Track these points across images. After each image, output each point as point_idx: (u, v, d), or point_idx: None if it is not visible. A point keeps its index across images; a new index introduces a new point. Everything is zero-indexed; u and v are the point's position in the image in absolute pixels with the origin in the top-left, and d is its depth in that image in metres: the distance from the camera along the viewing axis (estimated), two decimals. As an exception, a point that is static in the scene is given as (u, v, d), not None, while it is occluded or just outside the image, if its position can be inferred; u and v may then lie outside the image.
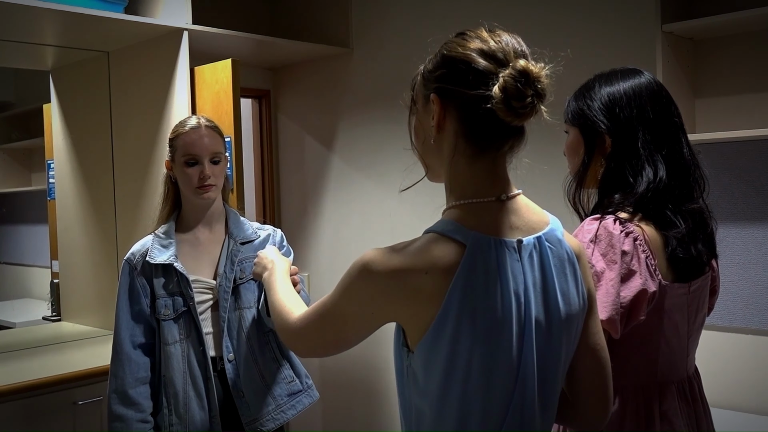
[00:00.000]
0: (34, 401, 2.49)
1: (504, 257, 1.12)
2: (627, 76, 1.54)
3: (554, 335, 1.15)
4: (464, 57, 1.14)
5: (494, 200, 1.18)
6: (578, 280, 1.20)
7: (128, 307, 1.96)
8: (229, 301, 1.99)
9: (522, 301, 1.12)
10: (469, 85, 1.12)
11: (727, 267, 2.45)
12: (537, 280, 1.14)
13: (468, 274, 1.09)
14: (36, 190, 3.74)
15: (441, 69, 1.17)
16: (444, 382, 1.10)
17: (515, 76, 1.11)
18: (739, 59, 2.44)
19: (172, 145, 2.01)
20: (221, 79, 2.98)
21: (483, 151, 1.18)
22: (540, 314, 1.14)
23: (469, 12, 3.11)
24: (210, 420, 1.95)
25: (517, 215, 1.19)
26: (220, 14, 3.49)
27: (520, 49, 1.19)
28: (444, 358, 1.09)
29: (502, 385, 1.11)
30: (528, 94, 1.12)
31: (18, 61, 3.45)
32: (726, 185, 2.45)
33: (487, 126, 1.14)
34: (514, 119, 1.13)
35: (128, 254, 2.00)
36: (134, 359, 1.94)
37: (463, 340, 1.08)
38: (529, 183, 1.40)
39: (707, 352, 2.52)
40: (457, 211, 1.16)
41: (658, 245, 1.42)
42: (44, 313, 3.59)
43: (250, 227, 2.10)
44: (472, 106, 1.13)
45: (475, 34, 1.18)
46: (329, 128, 3.67)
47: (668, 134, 1.49)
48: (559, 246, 1.19)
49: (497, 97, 1.10)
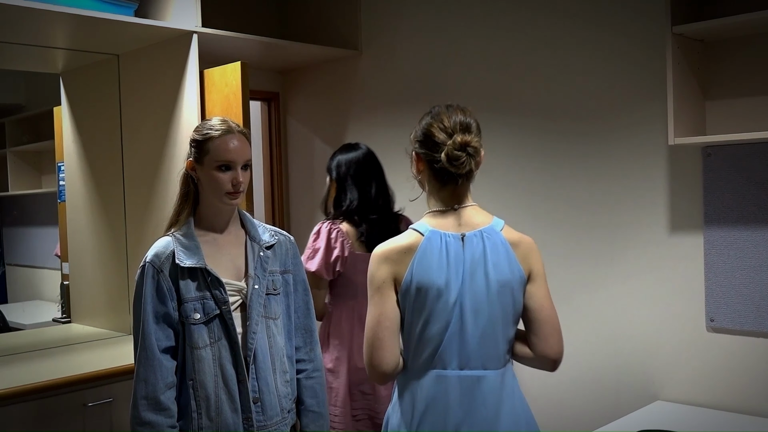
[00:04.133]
0: (45, 403, 2.50)
1: (450, 243, 1.84)
2: (349, 149, 2.90)
3: (491, 289, 1.83)
4: (430, 133, 1.85)
5: (450, 210, 1.89)
6: (510, 258, 1.85)
7: (155, 310, 1.92)
8: (262, 307, 1.99)
9: (461, 269, 1.82)
10: (432, 150, 1.84)
11: (739, 270, 2.44)
12: (478, 256, 1.83)
13: (423, 251, 1.84)
14: (46, 193, 3.76)
15: (419, 138, 1.89)
16: (408, 311, 1.85)
17: (455, 147, 1.80)
18: (749, 61, 2.43)
19: (201, 147, 1.97)
20: (230, 81, 2.98)
21: (443, 185, 1.88)
22: (481, 277, 1.83)
23: (477, 15, 3.11)
24: (243, 422, 1.95)
25: (465, 219, 1.88)
26: (229, 17, 3.50)
27: (465, 123, 1.84)
28: (410, 297, 1.84)
29: (445, 313, 1.81)
30: (462, 156, 1.81)
31: (29, 64, 3.47)
32: (737, 187, 2.43)
33: (443, 173, 1.86)
34: (456, 170, 1.83)
35: (150, 256, 1.95)
36: (164, 364, 1.91)
37: (418, 288, 1.82)
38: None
39: (719, 355, 2.50)
40: (427, 216, 1.91)
41: (353, 234, 2.75)
42: (54, 314, 3.61)
43: (265, 230, 2.10)
44: (433, 162, 1.85)
45: (438, 116, 1.86)
46: (338, 131, 3.67)
47: (361, 181, 2.81)
48: (495, 236, 1.87)
49: (443, 159, 1.82)
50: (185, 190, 2.02)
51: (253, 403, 1.96)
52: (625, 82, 2.68)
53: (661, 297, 2.62)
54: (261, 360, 1.98)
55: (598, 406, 2.79)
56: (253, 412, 1.96)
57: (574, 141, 2.84)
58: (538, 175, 2.95)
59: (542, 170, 2.94)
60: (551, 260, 2.92)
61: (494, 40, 3.07)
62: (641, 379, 2.68)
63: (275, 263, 2.07)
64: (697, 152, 2.52)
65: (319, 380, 2.14)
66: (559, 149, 2.89)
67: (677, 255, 2.58)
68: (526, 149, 2.98)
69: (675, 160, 2.58)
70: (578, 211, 2.84)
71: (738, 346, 2.46)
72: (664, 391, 2.63)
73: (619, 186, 2.72)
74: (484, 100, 3.11)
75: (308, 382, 2.12)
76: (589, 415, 2.82)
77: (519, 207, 3.01)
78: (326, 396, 2.17)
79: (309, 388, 2.12)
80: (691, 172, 2.54)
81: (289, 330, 2.09)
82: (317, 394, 2.13)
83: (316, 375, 2.14)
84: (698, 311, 2.54)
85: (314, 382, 2.13)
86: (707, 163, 2.49)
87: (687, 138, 2.37)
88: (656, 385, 2.64)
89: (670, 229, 2.60)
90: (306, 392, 2.12)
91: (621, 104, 2.70)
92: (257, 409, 1.97)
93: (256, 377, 1.97)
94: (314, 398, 2.13)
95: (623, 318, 2.72)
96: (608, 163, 2.74)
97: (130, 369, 2.16)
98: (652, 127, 2.62)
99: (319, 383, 2.14)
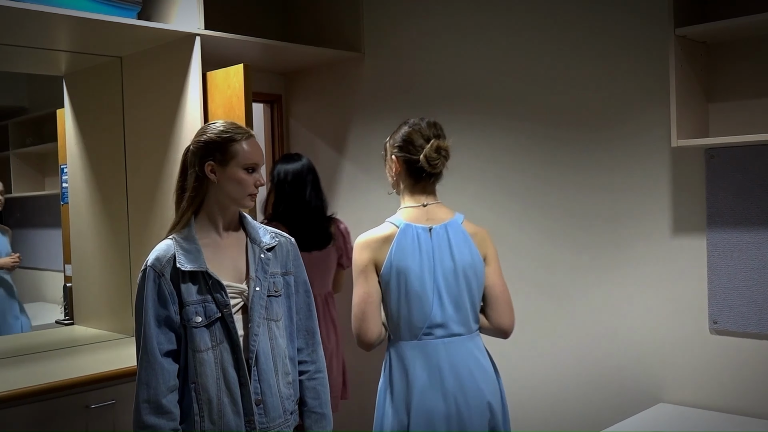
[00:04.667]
0: (47, 405, 2.50)
1: (420, 234, 2.23)
2: (289, 160, 3.33)
3: (458, 270, 2.23)
4: (410, 138, 2.25)
5: (420, 206, 2.28)
6: (470, 245, 2.26)
7: (156, 314, 1.92)
8: (264, 309, 1.99)
9: (431, 255, 2.22)
10: (411, 153, 2.24)
11: (742, 272, 2.44)
12: (444, 244, 2.24)
13: (399, 241, 2.22)
14: (49, 195, 3.76)
15: (398, 144, 2.27)
16: (393, 291, 2.22)
17: (432, 150, 2.21)
18: (752, 63, 2.43)
19: (224, 149, 1.97)
20: (233, 84, 2.99)
21: (417, 183, 2.28)
22: (448, 260, 2.23)
23: (480, 19, 3.11)
24: (245, 424, 1.95)
25: (432, 214, 2.28)
26: (232, 19, 3.51)
27: (439, 132, 2.27)
28: (393, 279, 2.22)
29: (423, 291, 2.21)
30: (438, 158, 2.22)
31: (32, 67, 3.48)
32: (740, 190, 2.43)
33: (419, 172, 2.26)
34: (432, 170, 2.24)
35: (151, 260, 1.95)
36: (166, 367, 1.91)
37: (398, 271, 2.21)
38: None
39: (722, 357, 2.50)
40: (401, 211, 2.29)
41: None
42: (57, 316, 3.61)
43: (266, 232, 2.10)
44: (412, 162, 2.25)
45: (416, 125, 2.26)
46: (341, 133, 3.68)
47: (297, 188, 3.25)
48: (457, 228, 2.27)
49: (422, 160, 2.22)
50: (195, 192, 2.00)
51: (256, 405, 1.96)
52: (628, 83, 2.68)
53: (664, 299, 2.62)
54: (263, 362, 1.98)
55: (601, 408, 2.79)
56: (256, 414, 1.96)
57: (577, 143, 2.84)
58: (540, 178, 2.95)
59: (544, 173, 2.94)
60: (553, 261, 2.92)
61: (496, 44, 3.07)
62: (644, 381, 2.67)
63: (276, 265, 2.07)
64: (700, 154, 2.52)
65: (321, 381, 2.15)
66: (562, 151, 2.89)
67: (680, 257, 2.58)
68: (527, 151, 2.98)
69: (678, 162, 2.58)
70: (580, 212, 2.84)
71: (741, 348, 2.46)
72: (667, 393, 2.62)
73: (622, 188, 2.71)
74: (487, 103, 3.11)
75: (310, 383, 2.13)
76: (591, 417, 2.81)
77: (521, 208, 3.01)
78: (329, 397, 2.18)
79: (311, 390, 2.13)
80: (694, 174, 2.54)
81: (291, 331, 2.10)
82: (320, 395, 2.14)
83: (319, 376, 2.14)
84: (701, 313, 2.53)
85: (316, 384, 2.14)
86: (710, 165, 2.49)
87: (690, 140, 2.37)
88: (659, 388, 2.64)
89: (672, 231, 2.60)
90: (308, 393, 2.12)
91: (624, 106, 2.70)
92: (260, 411, 1.97)
93: (258, 379, 1.97)
94: (317, 399, 2.13)
95: (625, 320, 2.72)
96: (611, 165, 2.74)
97: (133, 371, 2.16)
98: (654, 128, 2.61)
99: (321, 384, 2.14)
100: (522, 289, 2.98)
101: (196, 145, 2.01)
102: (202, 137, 2.00)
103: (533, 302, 2.98)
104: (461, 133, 3.21)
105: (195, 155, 2.00)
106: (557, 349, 2.92)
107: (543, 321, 2.96)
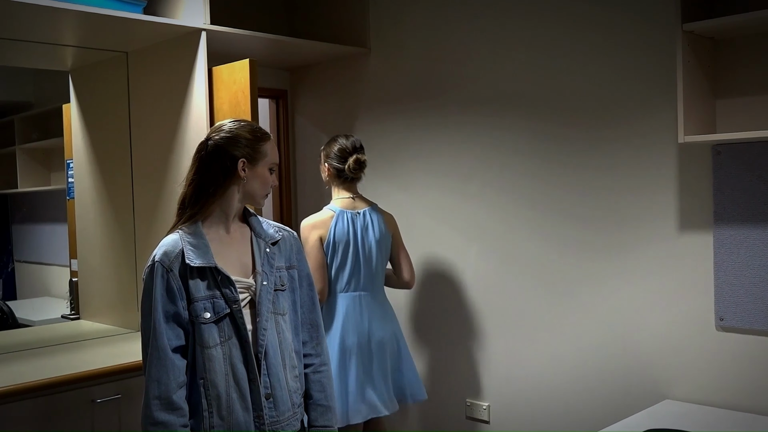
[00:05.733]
0: (53, 399, 2.51)
1: (350, 216, 2.97)
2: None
3: (376, 242, 2.99)
4: (342, 153, 2.99)
5: (349, 197, 3.02)
6: (382, 225, 3.02)
7: (165, 310, 1.91)
8: (271, 303, 2.00)
9: (358, 231, 2.96)
10: (339, 162, 2.99)
11: (748, 268, 2.43)
12: (367, 224, 2.99)
13: (336, 220, 2.96)
14: (55, 190, 3.77)
15: (332, 155, 3.01)
16: (335, 255, 2.96)
17: (354, 161, 2.97)
18: (760, 59, 2.42)
19: (256, 148, 2.00)
20: (239, 79, 2.99)
21: (343, 183, 3.02)
22: (370, 234, 2.98)
23: (486, 13, 3.10)
24: (254, 420, 1.95)
25: (357, 203, 3.02)
26: (237, 14, 3.50)
27: (360, 145, 3.02)
28: (334, 247, 2.95)
29: (352, 259, 2.96)
30: (357, 167, 2.97)
31: (38, 62, 3.48)
32: (747, 186, 2.42)
33: (345, 176, 3.00)
34: (353, 176, 3.00)
35: (159, 255, 1.94)
36: (176, 363, 1.90)
37: (334, 244, 2.94)
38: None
39: (728, 354, 2.49)
40: (335, 201, 3.03)
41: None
42: (63, 311, 3.62)
43: (270, 225, 2.11)
44: (338, 170, 2.99)
45: (344, 144, 3.00)
46: (346, 128, 3.67)
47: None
48: (374, 212, 3.03)
49: (347, 169, 2.97)
50: (221, 187, 1.99)
51: (266, 399, 1.96)
52: (635, 79, 2.67)
53: (670, 295, 2.61)
54: (272, 356, 1.99)
55: (606, 404, 2.78)
56: (266, 409, 1.96)
57: (584, 138, 2.83)
58: (547, 173, 2.95)
59: (551, 168, 2.93)
60: (560, 257, 2.92)
61: (502, 38, 3.06)
62: (649, 377, 2.67)
63: (281, 259, 2.08)
64: (706, 150, 2.51)
65: (326, 374, 2.15)
66: (569, 146, 2.89)
67: (686, 253, 2.57)
68: (534, 145, 2.98)
69: (685, 158, 2.57)
70: (587, 208, 2.84)
71: (747, 345, 2.45)
72: (673, 390, 2.62)
73: (629, 184, 2.71)
74: (492, 98, 3.10)
75: (316, 376, 2.13)
76: (597, 413, 2.81)
77: (528, 203, 3.00)
78: (333, 390, 2.18)
79: (316, 382, 2.13)
80: (701, 170, 2.53)
81: (296, 325, 2.10)
82: (325, 387, 2.14)
83: (323, 369, 2.15)
84: (707, 310, 2.53)
85: (321, 376, 2.14)
86: (717, 161, 2.48)
87: (697, 136, 2.36)
88: (664, 384, 2.64)
89: (679, 228, 2.59)
90: (314, 386, 2.13)
91: (631, 102, 2.69)
92: (270, 405, 1.97)
93: (267, 373, 1.98)
94: (322, 392, 2.13)
95: (632, 316, 2.72)
96: (618, 160, 2.73)
97: (139, 366, 2.17)
98: (661, 124, 2.61)
99: (326, 377, 2.15)
100: (528, 286, 2.98)
101: (226, 140, 1.99)
102: (230, 134, 2.00)
103: (539, 299, 2.98)
104: (465, 128, 3.21)
105: (224, 150, 1.98)
106: (564, 345, 2.92)
107: (549, 318, 2.95)
